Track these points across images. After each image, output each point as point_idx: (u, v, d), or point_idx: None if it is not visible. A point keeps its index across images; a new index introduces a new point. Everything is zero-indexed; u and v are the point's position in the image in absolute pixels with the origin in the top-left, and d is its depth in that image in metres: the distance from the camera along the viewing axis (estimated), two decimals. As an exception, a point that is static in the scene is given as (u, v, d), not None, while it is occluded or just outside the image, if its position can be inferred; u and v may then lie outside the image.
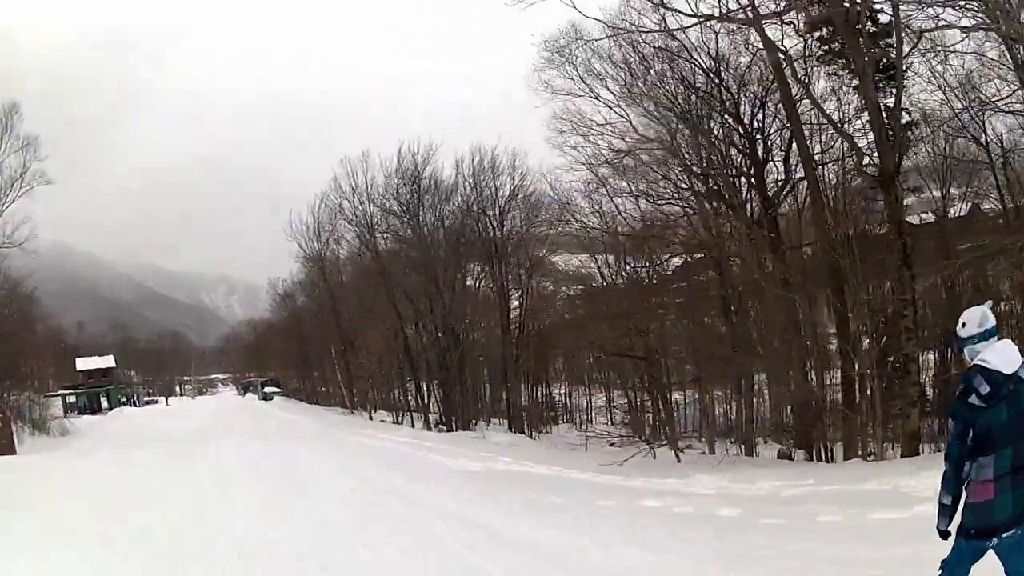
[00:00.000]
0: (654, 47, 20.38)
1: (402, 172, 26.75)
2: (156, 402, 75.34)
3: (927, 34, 16.34)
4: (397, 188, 26.90)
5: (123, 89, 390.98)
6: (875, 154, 17.01)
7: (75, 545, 7.91)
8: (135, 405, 65.69)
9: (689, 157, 20.96)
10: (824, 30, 19.23)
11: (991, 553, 4.09)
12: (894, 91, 16.58)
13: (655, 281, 24.10)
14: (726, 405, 23.73)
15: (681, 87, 20.64)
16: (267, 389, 52.36)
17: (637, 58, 20.82)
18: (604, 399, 31.78)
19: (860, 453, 16.98)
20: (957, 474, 4.07)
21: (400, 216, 27.08)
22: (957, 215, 21.91)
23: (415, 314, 27.07)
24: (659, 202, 22.70)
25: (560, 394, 31.67)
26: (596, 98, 21.60)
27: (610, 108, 21.58)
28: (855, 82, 17.91)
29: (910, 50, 16.46)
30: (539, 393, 29.47)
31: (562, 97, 22.10)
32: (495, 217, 26.59)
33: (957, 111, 18.18)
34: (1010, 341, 4.15)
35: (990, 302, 4.32)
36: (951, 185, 20.55)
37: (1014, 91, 17.02)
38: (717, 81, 20.22)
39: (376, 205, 27.60)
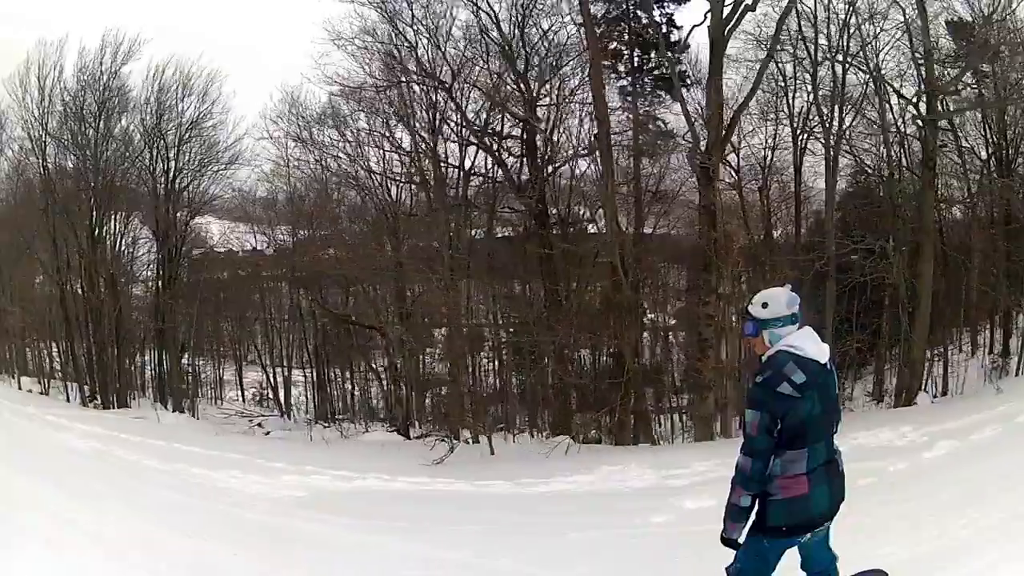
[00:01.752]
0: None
1: (100, 66, 19.44)
2: None
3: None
4: (84, 86, 19.41)
5: None
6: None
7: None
8: None
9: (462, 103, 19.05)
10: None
11: None
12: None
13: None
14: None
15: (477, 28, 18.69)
16: None
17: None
18: (235, 373, 27.56)
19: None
20: (764, 471, 3.81)
21: (77, 123, 19.47)
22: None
23: (77, 254, 19.92)
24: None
25: (192, 365, 26.54)
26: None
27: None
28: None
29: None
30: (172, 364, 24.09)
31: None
32: (172, 145, 20.92)
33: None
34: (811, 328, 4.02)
35: (789, 284, 4.18)
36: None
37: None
38: (519, 33, 18.74)
39: (62, 103, 19.45)
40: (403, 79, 18.56)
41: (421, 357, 20.04)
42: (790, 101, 19.84)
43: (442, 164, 19.16)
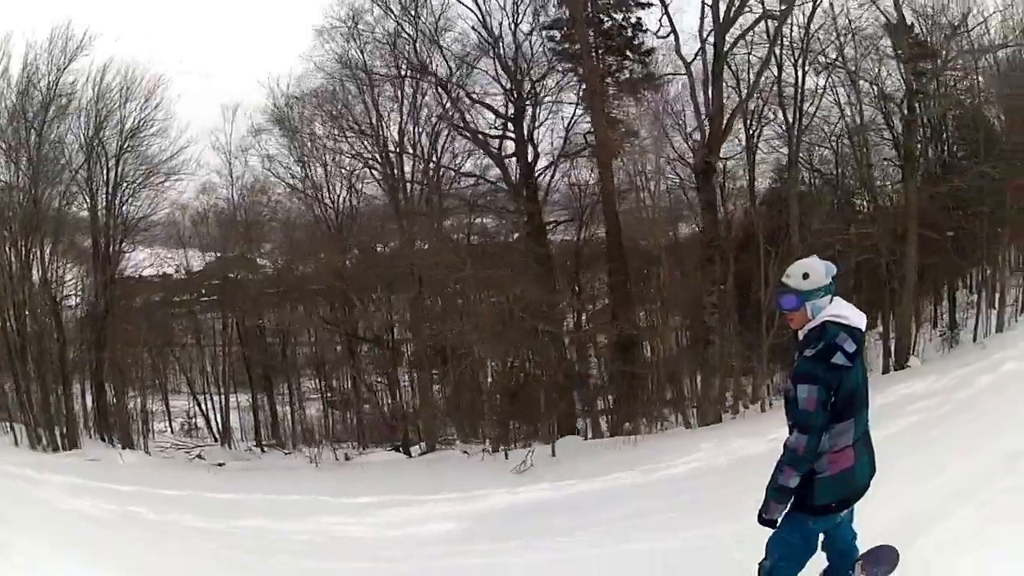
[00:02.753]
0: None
1: (50, 60, 16.88)
2: None
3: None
4: (29, 84, 16.68)
5: None
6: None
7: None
8: None
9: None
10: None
11: None
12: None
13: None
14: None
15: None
16: None
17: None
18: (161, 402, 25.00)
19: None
20: (816, 449, 3.68)
21: (22, 128, 16.78)
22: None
23: (9, 278, 17.28)
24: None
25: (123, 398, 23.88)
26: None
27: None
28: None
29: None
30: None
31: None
32: (113, 154, 18.63)
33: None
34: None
35: (815, 255, 4.07)
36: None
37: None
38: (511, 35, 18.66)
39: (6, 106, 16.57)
40: (401, 73, 18.01)
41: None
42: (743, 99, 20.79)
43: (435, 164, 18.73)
